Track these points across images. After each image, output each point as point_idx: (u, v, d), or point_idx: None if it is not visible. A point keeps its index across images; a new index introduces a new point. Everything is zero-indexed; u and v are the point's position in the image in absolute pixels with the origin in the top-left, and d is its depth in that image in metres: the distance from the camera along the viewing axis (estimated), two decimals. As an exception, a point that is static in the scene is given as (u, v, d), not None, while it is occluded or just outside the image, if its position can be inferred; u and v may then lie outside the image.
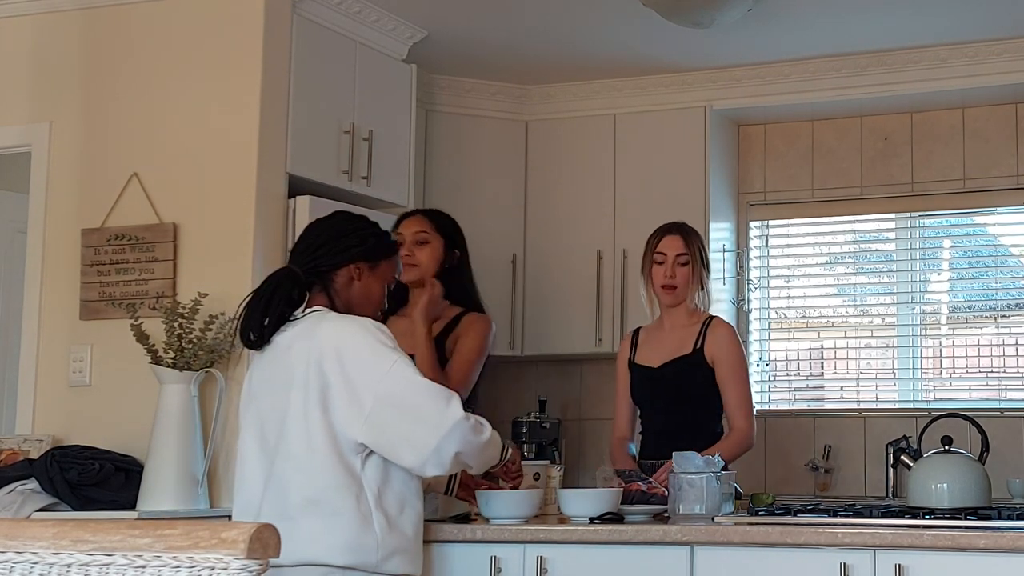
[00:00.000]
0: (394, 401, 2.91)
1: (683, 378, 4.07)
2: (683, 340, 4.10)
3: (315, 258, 3.11)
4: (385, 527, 2.95)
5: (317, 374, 2.93)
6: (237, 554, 1.46)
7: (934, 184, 5.68)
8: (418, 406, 2.90)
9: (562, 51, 5.45)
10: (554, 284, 5.79)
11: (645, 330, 4.25)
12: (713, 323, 4.12)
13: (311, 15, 4.70)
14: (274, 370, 3.02)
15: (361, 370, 2.92)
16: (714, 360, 4.06)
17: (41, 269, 4.57)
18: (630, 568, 3.20)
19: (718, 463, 3.50)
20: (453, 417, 2.90)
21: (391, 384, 2.91)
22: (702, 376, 4.06)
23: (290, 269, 3.12)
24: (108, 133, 4.54)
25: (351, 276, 3.12)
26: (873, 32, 5.19)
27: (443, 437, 2.89)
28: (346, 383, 2.92)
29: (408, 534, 3.00)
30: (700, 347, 4.07)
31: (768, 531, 3.11)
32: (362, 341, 2.95)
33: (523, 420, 5.72)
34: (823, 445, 5.64)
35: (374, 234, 3.19)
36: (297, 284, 3.07)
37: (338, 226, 3.18)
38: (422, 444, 2.89)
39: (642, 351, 4.21)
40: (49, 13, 4.71)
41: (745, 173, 5.97)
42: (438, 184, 5.68)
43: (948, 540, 2.95)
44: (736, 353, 4.10)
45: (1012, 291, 5.69)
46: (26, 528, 1.57)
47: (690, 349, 4.08)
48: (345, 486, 2.93)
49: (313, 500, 2.93)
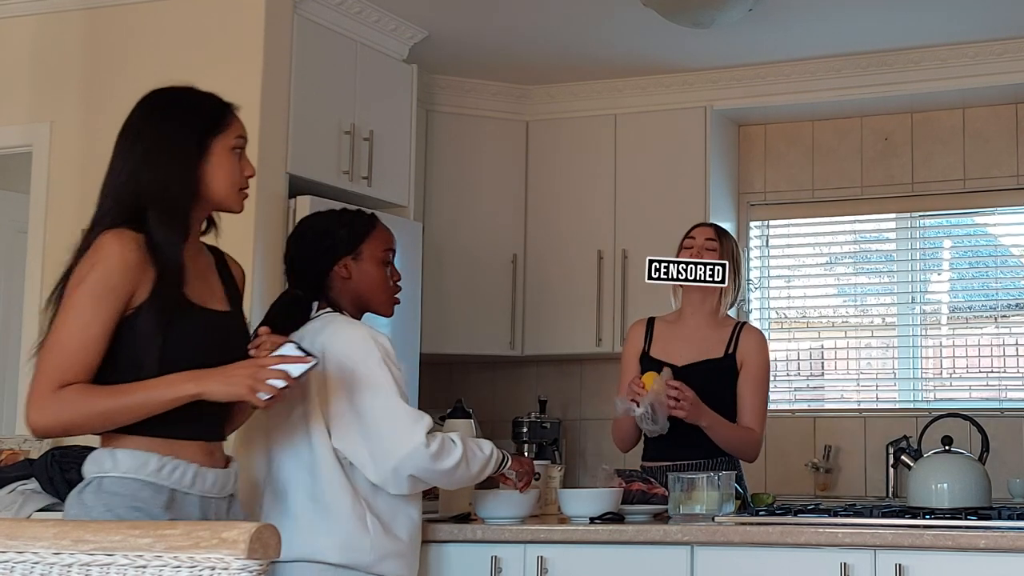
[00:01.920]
0: (365, 419, 2.94)
1: (711, 382, 3.85)
2: (712, 343, 3.92)
3: (302, 273, 3.12)
4: (380, 529, 2.97)
5: (319, 377, 2.94)
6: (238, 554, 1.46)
7: (934, 184, 5.69)
8: (380, 428, 2.93)
9: (562, 51, 5.45)
10: (554, 284, 5.79)
11: (662, 322, 4.03)
12: (746, 328, 3.97)
13: (311, 15, 4.70)
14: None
15: (346, 380, 2.94)
16: (743, 363, 3.90)
17: (41, 269, 4.57)
18: (630, 568, 3.20)
19: (667, 373, 3.66)
20: (411, 443, 2.92)
21: (367, 400, 2.93)
22: (731, 382, 3.90)
23: (288, 293, 3.13)
24: (108, 133, 4.52)
25: (341, 276, 3.11)
26: (873, 32, 5.19)
27: (399, 460, 2.92)
28: (334, 390, 2.94)
29: (403, 538, 3.02)
30: (732, 352, 3.90)
31: (768, 531, 3.11)
32: (355, 352, 2.97)
33: (523, 420, 5.72)
34: (823, 445, 5.64)
35: (342, 223, 3.14)
36: (299, 304, 3.09)
37: (308, 234, 3.16)
38: (381, 464, 2.93)
39: (660, 345, 4.00)
40: (50, 13, 4.71)
41: (745, 173, 5.97)
42: (438, 184, 5.69)
43: (948, 540, 2.95)
44: (766, 361, 3.94)
45: (1012, 291, 5.69)
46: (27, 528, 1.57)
47: (721, 353, 3.91)
48: (342, 486, 2.95)
49: (312, 498, 2.95)
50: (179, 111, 2.66)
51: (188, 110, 2.67)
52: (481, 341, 5.74)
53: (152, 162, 2.58)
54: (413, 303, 5.15)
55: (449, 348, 5.67)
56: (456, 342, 5.70)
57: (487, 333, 5.74)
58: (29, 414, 2.47)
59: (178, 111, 2.66)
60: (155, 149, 2.59)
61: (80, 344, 2.45)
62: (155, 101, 2.70)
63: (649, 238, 5.56)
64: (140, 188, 2.57)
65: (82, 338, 2.45)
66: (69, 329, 2.46)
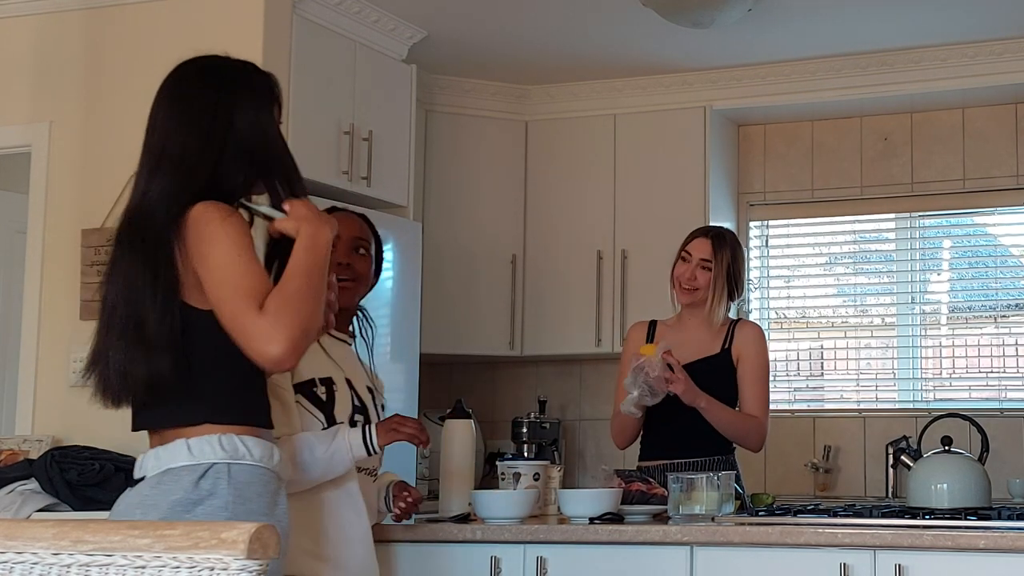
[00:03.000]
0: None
1: (709, 379, 3.86)
2: (709, 341, 3.95)
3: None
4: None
5: None
6: (237, 554, 1.46)
7: (934, 184, 5.69)
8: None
9: (562, 51, 5.45)
10: (554, 284, 5.78)
11: (664, 325, 4.06)
12: (741, 323, 4.00)
13: (311, 15, 4.70)
14: None
15: None
16: (739, 358, 3.92)
17: (41, 269, 4.57)
18: (630, 568, 3.20)
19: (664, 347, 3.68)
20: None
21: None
22: (729, 378, 3.92)
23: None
24: (108, 133, 4.54)
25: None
26: (873, 32, 5.19)
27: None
28: None
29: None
30: (728, 347, 3.93)
31: (768, 531, 3.11)
32: None
33: (523, 420, 5.73)
34: (823, 445, 5.64)
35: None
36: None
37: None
38: None
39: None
40: (50, 13, 4.71)
41: (745, 173, 5.97)
42: (438, 184, 5.69)
43: (948, 540, 2.95)
44: (762, 352, 3.96)
45: (1012, 291, 5.69)
46: (26, 528, 1.57)
47: (717, 350, 3.94)
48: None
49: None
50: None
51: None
52: (481, 341, 5.74)
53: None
54: (413, 303, 5.15)
55: (449, 348, 5.67)
56: (456, 342, 5.69)
57: (487, 333, 5.74)
58: (267, 351, 2.31)
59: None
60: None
61: (249, 263, 2.37)
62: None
63: (648, 238, 5.57)
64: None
65: (249, 258, 2.37)
66: (234, 259, 2.36)
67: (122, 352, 2.41)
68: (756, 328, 4.03)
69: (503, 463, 3.63)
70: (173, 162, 2.48)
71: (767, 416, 3.94)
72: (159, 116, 2.57)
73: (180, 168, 2.47)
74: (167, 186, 2.46)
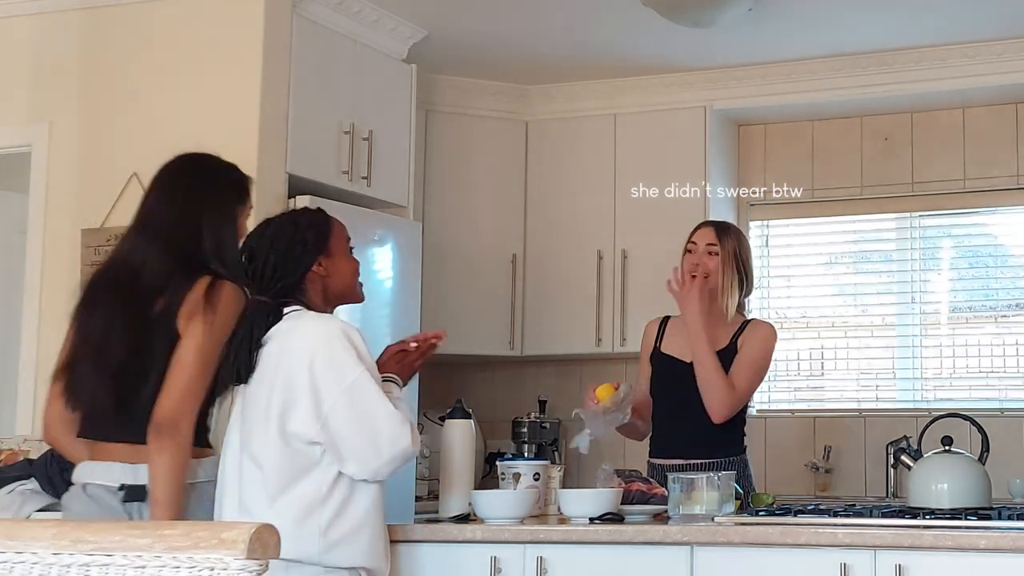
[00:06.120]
0: (349, 415, 2.94)
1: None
2: (719, 337, 3.92)
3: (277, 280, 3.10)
4: (331, 518, 2.96)
5: (285, 373, 2.96)
6: (237, 554, 1.46)
7: (934, 184, 5.68)
8: (374, 427, 2.94)
9: (562, 51, 5.45)
10: (554, 284, 5.78)
11: (676, 320, 4.03)
12: (754, 321, 4.02)
13: (311, 15, 4.70)
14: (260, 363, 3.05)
15: (325, 376, 2.94)
16: (741, 347, 3.91)
17: (41, 269, 4.57)
18: (630, 568, 3.20)
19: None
20: (401, 446, 2.96)
21: (351, 397, 2.93)
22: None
23: (259, 302, 3.08)
24: (108, 133, 4.54)
25: (320, 275, 3.13)
26: (873, 32, 5.19)
27: (386, 462, 2.96)
28: (310, 386, 2.94)
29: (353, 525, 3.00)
30: (735, 342, 3.92)
31: (768, 531, 3.11)
32: (331, 347, 2.96)
33: (523, 420, 5.72)
34: (823, 445, 5.64)
35: (306, 225, 3.16)
36: (271, 312, 3.06)
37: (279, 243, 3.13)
38: (365, 462, 2.95)
39: (671, 341, 4.02)
40: (49, 13, 4.71)
41: (745, 173, 5.97)
42: (438, 184, 5.69)
43: (948, 540, 2.95)
44: (765, 348, 3.94)
45: (1012, 291, 5.68)
46: (26, 528, 1.56)
47: (726, 343, 3.92)
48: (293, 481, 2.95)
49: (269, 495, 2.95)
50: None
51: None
52: (481, 341, 5.74)
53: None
54: (413, 303, 5.14)
55: (449, 348, 5.64)
56: (456, 342, 5.66)
57: (487, 333, 5.74)
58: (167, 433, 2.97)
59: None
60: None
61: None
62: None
63: (649, 238, 5.57)
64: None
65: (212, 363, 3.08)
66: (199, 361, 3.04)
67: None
68: (768, 326, 4.04)
69: (503, 463, 3.63)
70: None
71: (745, 397, 3.92)
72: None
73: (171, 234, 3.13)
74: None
